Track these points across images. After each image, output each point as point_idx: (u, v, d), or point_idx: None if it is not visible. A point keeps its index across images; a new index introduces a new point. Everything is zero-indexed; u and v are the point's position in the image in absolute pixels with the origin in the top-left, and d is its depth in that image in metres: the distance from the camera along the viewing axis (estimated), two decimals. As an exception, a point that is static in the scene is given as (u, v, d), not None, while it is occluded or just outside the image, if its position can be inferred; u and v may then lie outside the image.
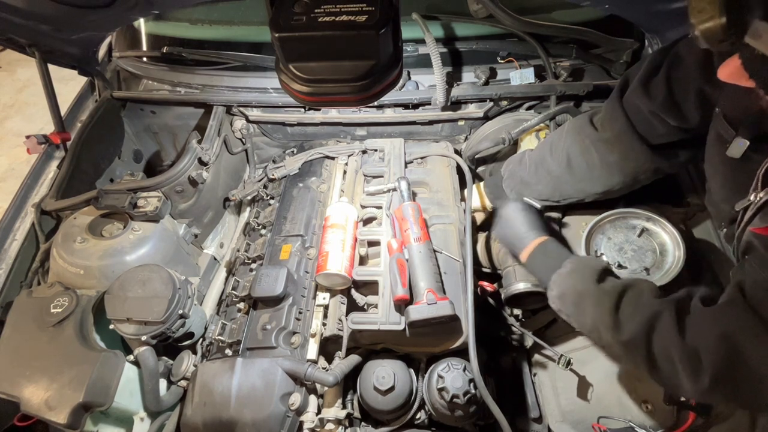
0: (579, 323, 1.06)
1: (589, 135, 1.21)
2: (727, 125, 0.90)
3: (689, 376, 0.83)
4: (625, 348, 0.95)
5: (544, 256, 1.15)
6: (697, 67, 0.97)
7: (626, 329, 0.93)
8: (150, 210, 1.42)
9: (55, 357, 1.17)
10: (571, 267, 1.08)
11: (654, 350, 0.89)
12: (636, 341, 0.91)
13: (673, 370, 0.86)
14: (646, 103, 1.08)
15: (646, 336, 0.89)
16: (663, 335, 0.87)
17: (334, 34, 0.73)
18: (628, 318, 0.94)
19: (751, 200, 0.86)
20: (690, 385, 0.84)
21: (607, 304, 0.97)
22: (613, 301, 0.96)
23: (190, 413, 1.12)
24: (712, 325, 0.82)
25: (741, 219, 0.90)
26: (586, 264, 1.08)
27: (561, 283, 1.08)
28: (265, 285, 1.22)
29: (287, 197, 1.56)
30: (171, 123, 1.90)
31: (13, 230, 1.51)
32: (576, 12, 1.59)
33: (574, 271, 1.07)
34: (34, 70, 1.54)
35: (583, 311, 1.03)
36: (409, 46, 1.66)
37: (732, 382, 0.81)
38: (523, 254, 1.18)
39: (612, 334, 0.96)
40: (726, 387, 0.82)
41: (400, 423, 1.17)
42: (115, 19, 1.42)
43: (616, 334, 0.95)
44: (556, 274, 1.09)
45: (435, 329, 1.13)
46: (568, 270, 1.08)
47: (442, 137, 1.77)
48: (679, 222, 1.39)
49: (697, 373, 0.82)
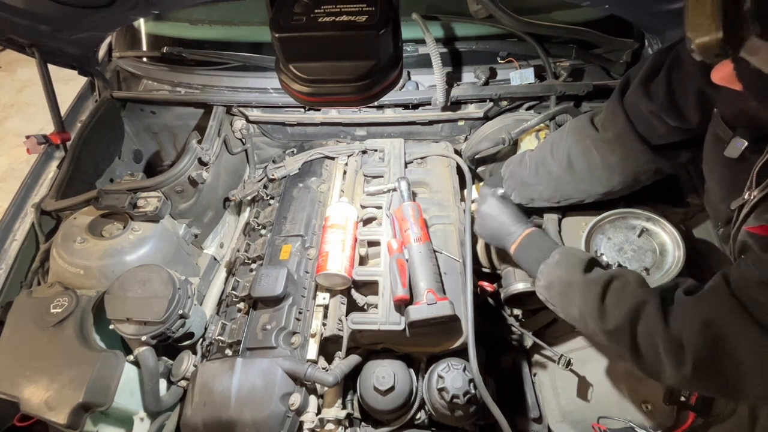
0: (566, 313, 1.08)
1: (590, 135, 1.22)
2: (725, 126, 0.90)
3: (672, 363, 0.84)
4: (610, 337, 0.96)
5: (532, 247, 1.17)
6: (697, 69, 0.97)
7: (611, 318, 0.94)
8: (150, 210, 1.42)
9: (55, 357, 1.17)
10: (559, 257, 1.09)
11: (638, 339, 0.90)
12: (621, 330, 0.92)
13: (656, 358, 0.87)
14: (646, 103, 1.08)
15: (631, 325, 0.90)
16: (647, 324, 0.88)
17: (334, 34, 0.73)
18: (613, 307, 0.95)
19: (746, 198, 0.87)
20: (673, 372, 0.85)
21: (594, 293, 0.98)
22: (600, 290, 0.98)
23: (190, 413, 1.12)
24: (694, 313, 0.83)
25: (736, 218, 0.91)
26: (573, 254, 1.09)
27: (548, 274, 1.09)
28: (265, 285, 1.22)
29: (287, 197, 1.56)
30: (171, 123, 1.90)
31: (13, 230, 1.51)
32: (576, 12, 1.59)
33: (561, 262, 1.08)
34: (34, 70, 1.54)
35: (570, 301, 1.04)
36: (409, 46, 1.66)
37: (714, 370, 0.82)
38: (511, 247, 1.20)
39: (597, 323, 0.97)
40: (708, 374, 0.83)
41: (400, 423, 1.17)
42: (115, 19, 1.42)
43: (601, 323, 0.96)
44: (544, 264, 1.10)
45: (435, 329, 1.13)
46: (556, 260, 1.09)
47: (442, 137, 1.77)
48: (679, 222, 1.39)
49: (679, 360, 0.83)
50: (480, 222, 1.30)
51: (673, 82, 1.03)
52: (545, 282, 1.10)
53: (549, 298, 1.10)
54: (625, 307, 0.92)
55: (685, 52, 1.00)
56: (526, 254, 1.18)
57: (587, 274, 1.03)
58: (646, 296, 0.92)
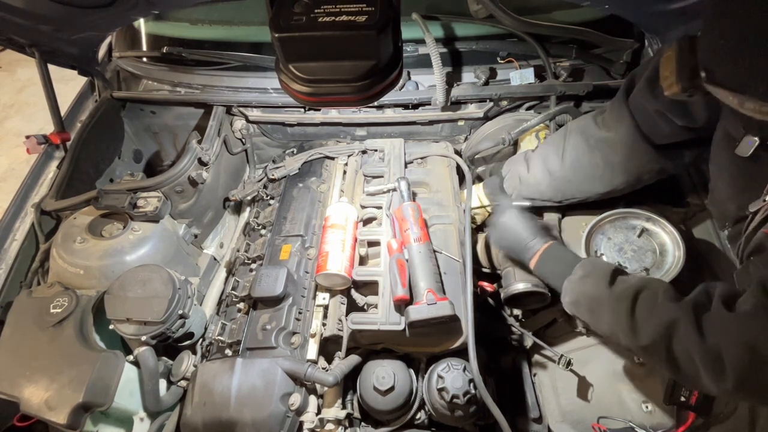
0: (596, 328, 1.07)
1: (593, 135, 1.21)
2: (738, 123, 0.90)
3: (712, 377, 0.83)
4: (645, 351, 0.95)
5: (552, 262, 1.15)
6: None
7: (644, 334, 0.93)
8: (150, 210, 1.42)
9: (55, 357, 1.17)
10: (582, 273, 1.08)
11: (675, 353, 0.88)
12: (655, 345, 0.91)
13: (695, 372, 0.86)
14: (652, 102, 1.08)
15: (666, 340, 0.89)
16: (683, 339, 0.86)
17: (334, 34, 0.73)
18: (644, 322, 0.93)
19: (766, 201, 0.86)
20: (713, 385, 0.84)
21: (623, 309, 0.96)
22: (628, 305, 0.96)
23: (190, 413, 1.12)
24: (737, 332, 0.81)
25: (750, 220, 0.90)
26: (597, 267, 1.08)
27: (573, 290, 1.08)
28: (265, 285, 1.22)
29: (287, 197, 1.56)
30: (171, 123, 1.90)
31: (13, 230, 1.51)
32: (576, 12, 1.59)
33: (585, 277, 1.07)
34: (34, 70, 1.54)
35: (598, 317, 1.03)
36: (409, 46, 1.66)
37: (757, 387, 0.81)
38: (531, 263, 1.19)
39: (630, 339, 0.96)
40: (751, 390, 0.82)
41: (400, 423, 1.17)
42: (115, 19, 1.42)
43: (634, 339, 0.95)
44: (567, 281, 1.09)
45: (435, 329, 1.13)
46: (579, 276, 1.07)
47: (442, 137, 1.77)
48: (679, 222, 1.39)
49: (719, 374, 0.82)
50: (497, 234, 1.28)
51: None
52: (571, 299, 1.09)
53: (577, 314, 1.09)
54: (657, 322, 0.91)
55: None
56: (547, 270, 1.16)
57: (613, 287, 1.02)
58: (677, 311, 0.89)
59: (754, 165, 0.88)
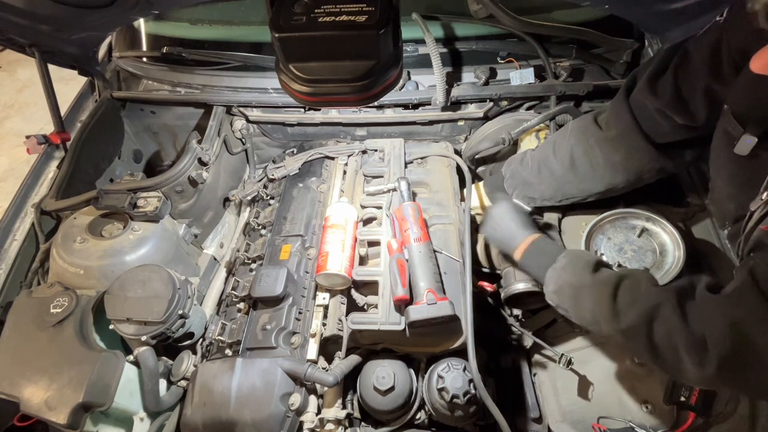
0: (578, 317, 1.07)
1: (593, 134, 1.22)
2: (735, 122, 0.90)
3: (695, 362, 0.83)
4: (625, 336, 0.95)
5: (538, 253, 1.16)
6: (704, 65, 0.97)
7: (625, 318, 0.93)
8: (150, 210, 1.42)
9: (55, 357, 1.17)
10: (566, 261, 1.08)
11: (655, 338, 0.88)
12: (636, 329, 0.91)
13: (676, 357, 0.86)
14: (652, 100, 1.08)
15: (647, 324, 0.89)
16: (665, 323, 0.87)
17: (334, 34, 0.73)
18: (626, 306, 0.94)
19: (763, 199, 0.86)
20: (695, 371, 0.83)
21: (605, 294, 0.97)
22: (610, 290, 0.97)
23: (190, 413, 1.12)
24: (721, 313, 0.81)
25: (749, 218, 0.90)
26: (580, 257, 1.09)
27: (556, 278, 1.08)
28: (265, 285, 1.22)
29: (287, 197, 1.56)
30: (171, 123, 1.90)
31: (13, 230, 1.51)
32: (576, 12, 1.59)
33: (568, 265, 1.07)
34: (34, 70, 1.54)
35: (580, 304, 1.04)
36: (409, 46, 1.66)
37: (740, 370, 0.81)
38: (516, 253, 1.19)
39: (611, 323, 0.96)
40: (733, 374, 0.82)
41: (400, 423, 1.17)
42: (115, 19, 1.42)
43: (615, 324, 0.95)
44: (551, 270, 1.09)
45: (435, 329, 1.13)
46: (563, 264, 1.08)
47: (442, 137, 1.77)
48: (679, 222, 1.39)
49: (702, 360, 0.81)
50: (488, 224, 1.29)
51: (681, 78, 1.02)
52: (554, 287, 1.09)
53: (560, 303, 1.09)
54: (640, 306, 0.91)
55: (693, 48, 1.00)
56: (532, 261, 1.16)
57: (596, 275, 1.02)
58: (660, 295, 0.90)
59: (753, 163, 0.88)
